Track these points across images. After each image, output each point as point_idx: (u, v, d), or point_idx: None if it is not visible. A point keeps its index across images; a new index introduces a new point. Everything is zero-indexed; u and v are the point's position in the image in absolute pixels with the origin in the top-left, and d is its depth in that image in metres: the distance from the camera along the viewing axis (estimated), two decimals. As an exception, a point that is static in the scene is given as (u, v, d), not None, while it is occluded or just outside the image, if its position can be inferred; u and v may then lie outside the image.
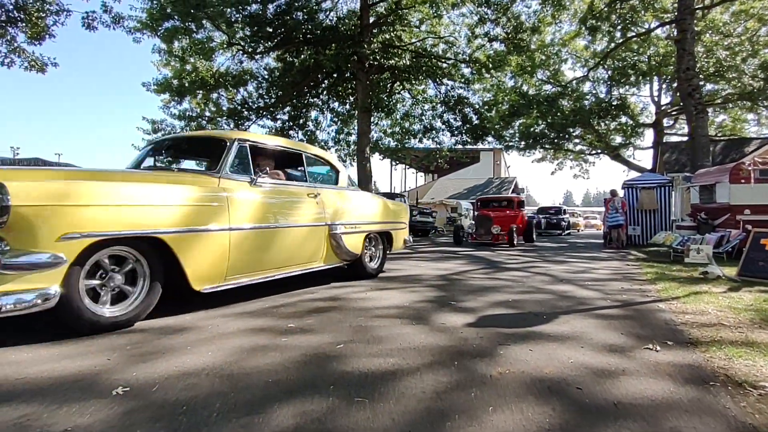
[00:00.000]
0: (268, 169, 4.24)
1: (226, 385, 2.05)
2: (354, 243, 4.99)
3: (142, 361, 2.35)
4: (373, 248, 5.69)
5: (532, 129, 24.03)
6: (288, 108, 18.67)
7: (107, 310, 2.90)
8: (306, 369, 2.26)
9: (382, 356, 2.46)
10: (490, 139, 20.16)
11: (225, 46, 16.34)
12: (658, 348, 2.65)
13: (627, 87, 23.78)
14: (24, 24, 11.78)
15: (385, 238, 5.85)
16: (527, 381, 2.12)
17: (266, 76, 17.82)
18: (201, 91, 16.87)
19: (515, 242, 11.75)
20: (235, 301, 3.91)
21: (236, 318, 3.32)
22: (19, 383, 2.03)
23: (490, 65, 16.37)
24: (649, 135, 26.03)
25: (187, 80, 16.02)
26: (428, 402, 1.88)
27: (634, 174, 21.65)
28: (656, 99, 25.20)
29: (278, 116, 18.88)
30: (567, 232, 21.71)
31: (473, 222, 13.14)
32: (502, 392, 1.99)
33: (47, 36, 12.21)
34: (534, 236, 13.74)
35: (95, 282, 2.88)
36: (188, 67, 16.32)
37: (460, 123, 18.17)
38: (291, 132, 19.00)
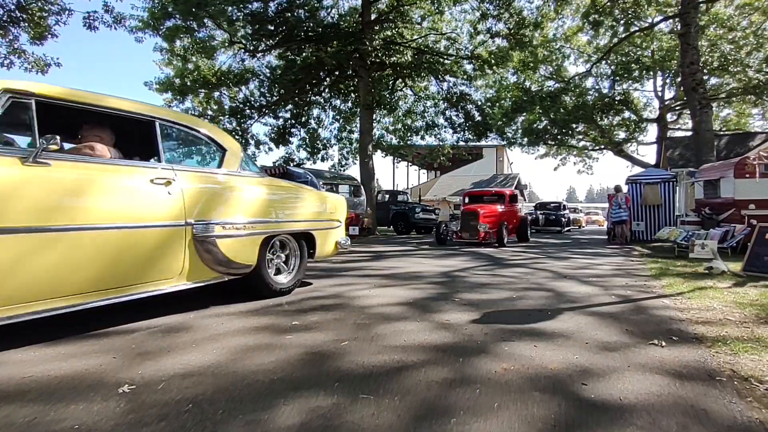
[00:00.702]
0: (95, 141, 3.08)
1: (231, 382, 2.05)
2: (242, 249, 3.58)
3: (147, 360, 2.36)
4: (284, 256, 4.28)
5: (534, 125, 23.97)
6: (290, 106, 18.68)
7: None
8: (310, 366, 2.27)
9: (386, 353, 2.46)
10: (492, 135, 20.12)
11: (226, 44, 16.35)
12: (664, 343, 2.65)
13: (630, 82, 23.63)
14: (26, 24, 11.81)
15: (303, 241, 4.41)
16: (532, 377, 2.12)
17: (268, 75, 17.83)
18: (203, 90, 16.90)
19: (505, 241, 10.56)
20: (238, 300, 3.92)
21: (239, 316, 3.33)
22: (25, 382, 2.04)
23: (493, 61, 16.33)
24: (652, 130, 25.86)
25: (189, 79, 16.04)
26: (433, 398, 1.88)
27: (637, 169, 21.57)
28: (660, 94, 25.09)
29: (280, 114, 18.90)
30: (567, 229, 20.72)
31: (458, 219, 11.78)
32: (507, 388, 1.98)
33: (49, 36, 12.24)
34: (529, 234, 12.77)
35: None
36: (190, 65, 16.34)
37: (462, 120, 18.14)
38: (293, 130, 19.03)
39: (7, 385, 2.01)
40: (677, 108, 24.62)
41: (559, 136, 25.12)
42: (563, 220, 20.04)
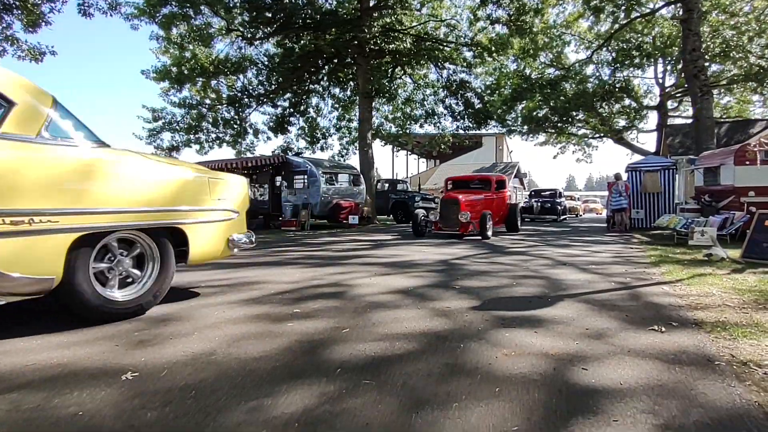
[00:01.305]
0: None
1: (233, 369, 2.07)
2: (25, 254, 2.40)
3: (149, 347, 2.37)
4: (127, 261, 3.00)
5: (534, 113, 23.83)
6: (288, 95, 18.54)
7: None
8: (311, 353, 2.28)
9: (387, 340, 2.48)
10: (492, 123, 20.00)
11: (224, 32, 16.15)
12: (663, 329, 2.66)
13: (631, 69, 23.44)
14: (20, 11, 11.66)
15: (166, 239, 3.19)
16: (533, 362, 2.13)
17: (266, 63, 17.66)
18: (201, 79, 16.74)
19: (489, 233, 9.42)
20: (239, 289, 3.93)
21: (241, 305, 3.34)
22: (29, 370, 2.05)
23: (493, 48, 16.16)
24: (652, 118, 25.72)
25: (186, 67, 15.88)
26: (435, 384, 1.89)
27: (637, 157, 21.51)
28: (660, 81, 24.90)
29: (279, 103, 18.77)
30: (563, 217, 19.40)
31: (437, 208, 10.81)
32: (508, 374, 2.00)
33: (43, 23, 12.08)
34: (519, 224, 11.78)
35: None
36: (187, 54, 16.16)
37: (462, 108, 18.02)
38: (292, 119, 18.92)
39: (11, 372, 2.02)
40: (678, 95, 24.47)
41: (559, 124, 24.99)
42: (559, 208, 18.81)
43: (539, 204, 18.81)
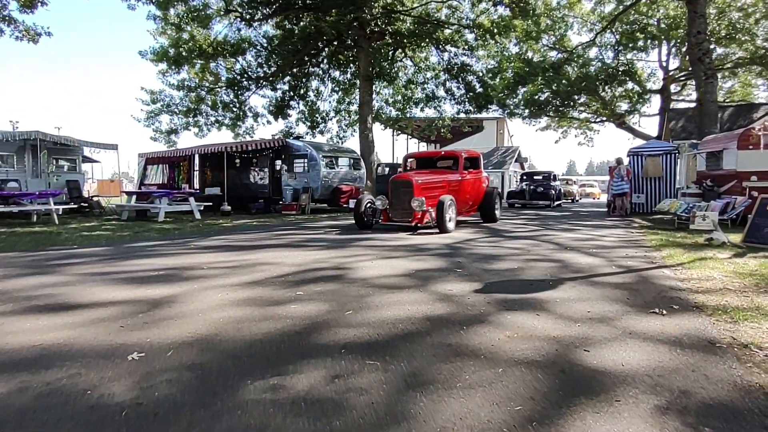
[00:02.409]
0: None
1: (239, 349, 2.08)
2: None
3: (154, 328, 2.39)
4: None
5: (536, 96, 23.58)
6: (288, 78, 18.34)
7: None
8: (316, 334, 2.30)
9: (390, 322, 2.49)
10: (493, 107, 19.83)
11: (222, 13, 15.89)
12: (665, 312, 2.68)
13: (635, 52, 23.12)
14: (15, -9, 11.45)
15: None
16: (536, 344, 2.15)
17: (265, 45, 17.42)
18: (199, 61, 16.54)
19: (449, 224, 7.37)
20: (241, 272, 3.95)
21: (244, 287, 3.36)
22: (36, 350, 2.07)
23: (495, 31, 15.93)
24: (655, 102, 25.47)
25: (184, 49, 15.67)
26: (438, 365, 1.91)
27: (639, 142, 21.37)
28: (664, 64, 24.59)
29: (278, 86, 18.58)
30: (557, 203, 17.47)
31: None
32: (510, 355, 2.02)
33: (39, 3, 11.88)
34: (497, 212, 9.65)
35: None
36: (185, 35, 15.93)
37: (463, 91, 17.85)
38: (292, 102, 18.74)
39: (19, 352, 2.04)
40: (682, 78, 24.19)
41: (560, 108, 24.77)
42: (552, 192, 16.68)
43: (531, 188, 16.78)
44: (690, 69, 17.17)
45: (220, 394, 1.65)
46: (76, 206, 11.49)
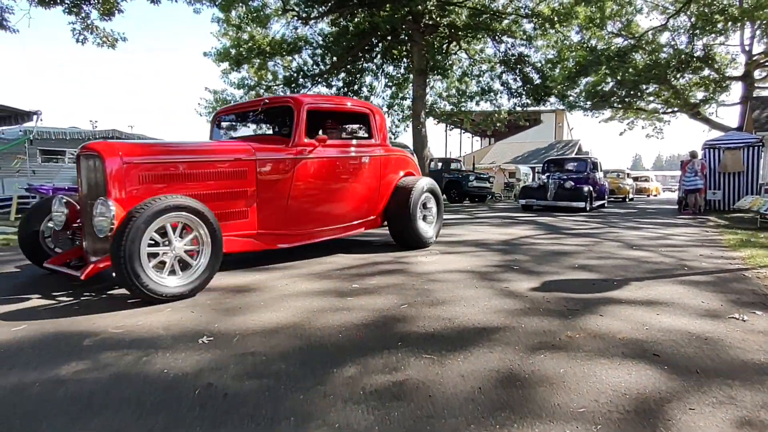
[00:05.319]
0: None
1: (300, 339, 2.17)
2: None
3: (222, 315, 2.53)
4: None
5: (599, 87, 22.34)
6: (342, 74, 18.61)
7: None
8: (373, 327, 2.34)
9: (446, 318, 2.48)
10: (552, 100, 19.03)
11: (280, 12, 16.41)
12: (746, 318, 2.47)
13: (712, 36, 21.26)
14: (96, 1, 12.44)
15: None
16: (600, 346, 2.06)
17: (321, 42, 17.79)
18: (257, 60, 17.19)
19: (168, 286, 2.85)
20: (302, 263, 4.08)
21: (303, 279, 3.47)
22: (119, 332, 2.27)
23: (555, 19, 15.25)
24: (736, 90, 23.29)
25: (244, 49, 16.38)
26: (496, 362, 1.88)
27: (715, 133, 19.69)
28: (747, 48, 22.41)
29: (333, 82, 18.92)
30: (599, 203, 12.62)
31: None
32: (572, 356, 1.95)
33: (116, 11, 12.83)
34: (429, 228, 5.10)
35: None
36: (245, 36, 16.63)
37: (520, 84, 17.28)
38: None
39: (103, 334, 2.24)
40: (767, 64, 21.97)
41: (626, 99, 23.31)
42: (586, 189, 11.24)
43: (557, 182, 11.47)
44: (778, 52, 15.54)
45: (283, 379, 1.73)
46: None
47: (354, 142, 4.71)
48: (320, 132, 4.57)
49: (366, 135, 4.86)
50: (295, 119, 4.01)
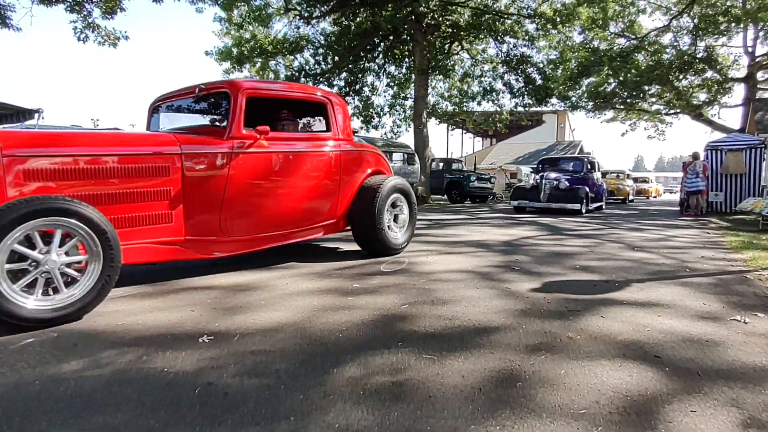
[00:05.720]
0: None
1: (300, 338, 2.16)
2: None
3: (222, 314, 2.53)
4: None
5: (602, 88, 22.31)
6: (344, 74, 18.60)
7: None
8: (374, 327, 2.33)
9: (447, 318, 2.48)
10: (554, 100, 19.00)
11: (282, 11, 16.41)
12: (747, 320, 2.46)
13: (715, 37, 21.20)
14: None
15: None
16: (600, 347, 2.06)
17: (322, 42, 17.78)
18: (259, 59, 17.18)
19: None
20: (303, 263, 4.07)
21: (304, 278, 3.47)
22: (120, 331, 2.26)
23: (558, 20, 15.23)
24: (738, 91, 23.22)
25: (245, 48, 16.38)
26: (496, 363, 1.88)
27: (718, 135, 19.65)
28: (750, 50, 22.36)
29: (334, 82, 18.90)
30: (596, 205, 12.22)
31: None
32: (573, 356, 1.94)
33: (118, 10, 12.84)
34: (397, 234, 4.51)
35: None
36: (247, 35, 16.64)
37: (522, 84, 17.26)
38: (347, 98, 19.01)
39: (104, 332, 2.24)
40: (770, 65, 21.91)
41: (628, 100, 23.27)
42: (584, 190, 10.78)
43: (550, 183, 10.89)
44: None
45: (283, 378, 1.72)
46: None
47: (307, 135, 4.26)
48: (270, 124, 3.71)
49: (323, 128, 4.28)
50: (232, 107, 3.43)
